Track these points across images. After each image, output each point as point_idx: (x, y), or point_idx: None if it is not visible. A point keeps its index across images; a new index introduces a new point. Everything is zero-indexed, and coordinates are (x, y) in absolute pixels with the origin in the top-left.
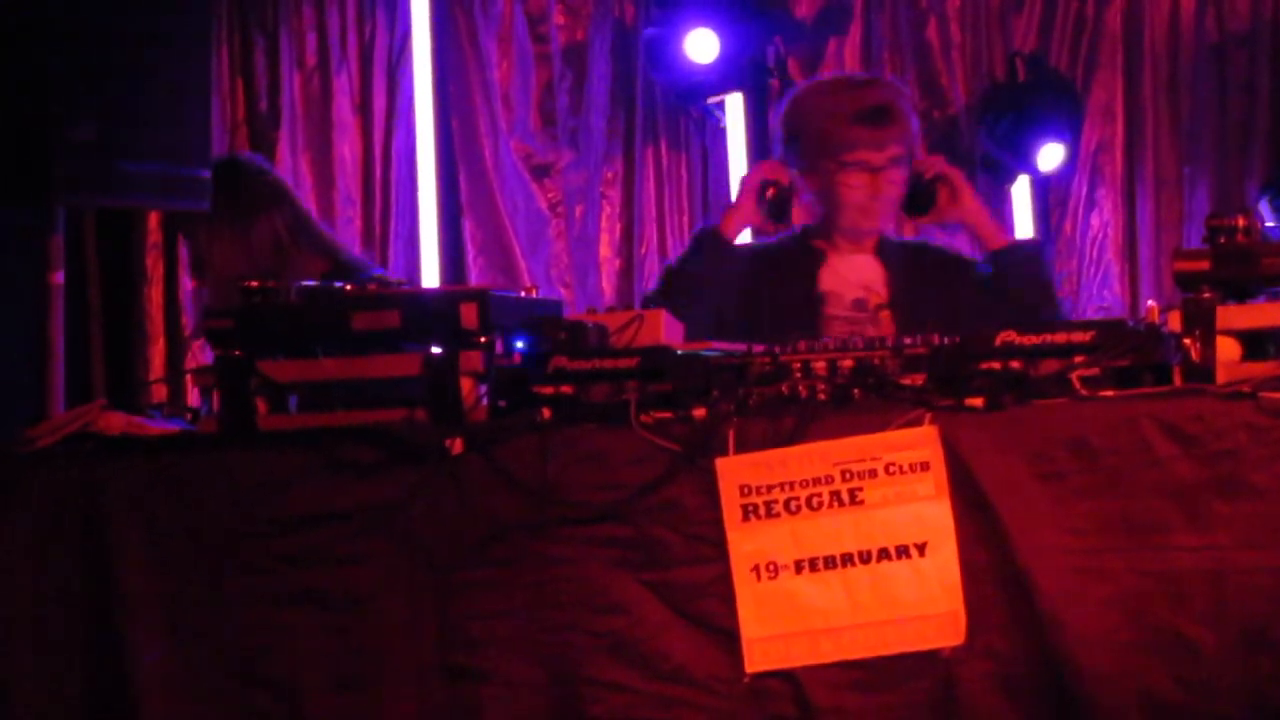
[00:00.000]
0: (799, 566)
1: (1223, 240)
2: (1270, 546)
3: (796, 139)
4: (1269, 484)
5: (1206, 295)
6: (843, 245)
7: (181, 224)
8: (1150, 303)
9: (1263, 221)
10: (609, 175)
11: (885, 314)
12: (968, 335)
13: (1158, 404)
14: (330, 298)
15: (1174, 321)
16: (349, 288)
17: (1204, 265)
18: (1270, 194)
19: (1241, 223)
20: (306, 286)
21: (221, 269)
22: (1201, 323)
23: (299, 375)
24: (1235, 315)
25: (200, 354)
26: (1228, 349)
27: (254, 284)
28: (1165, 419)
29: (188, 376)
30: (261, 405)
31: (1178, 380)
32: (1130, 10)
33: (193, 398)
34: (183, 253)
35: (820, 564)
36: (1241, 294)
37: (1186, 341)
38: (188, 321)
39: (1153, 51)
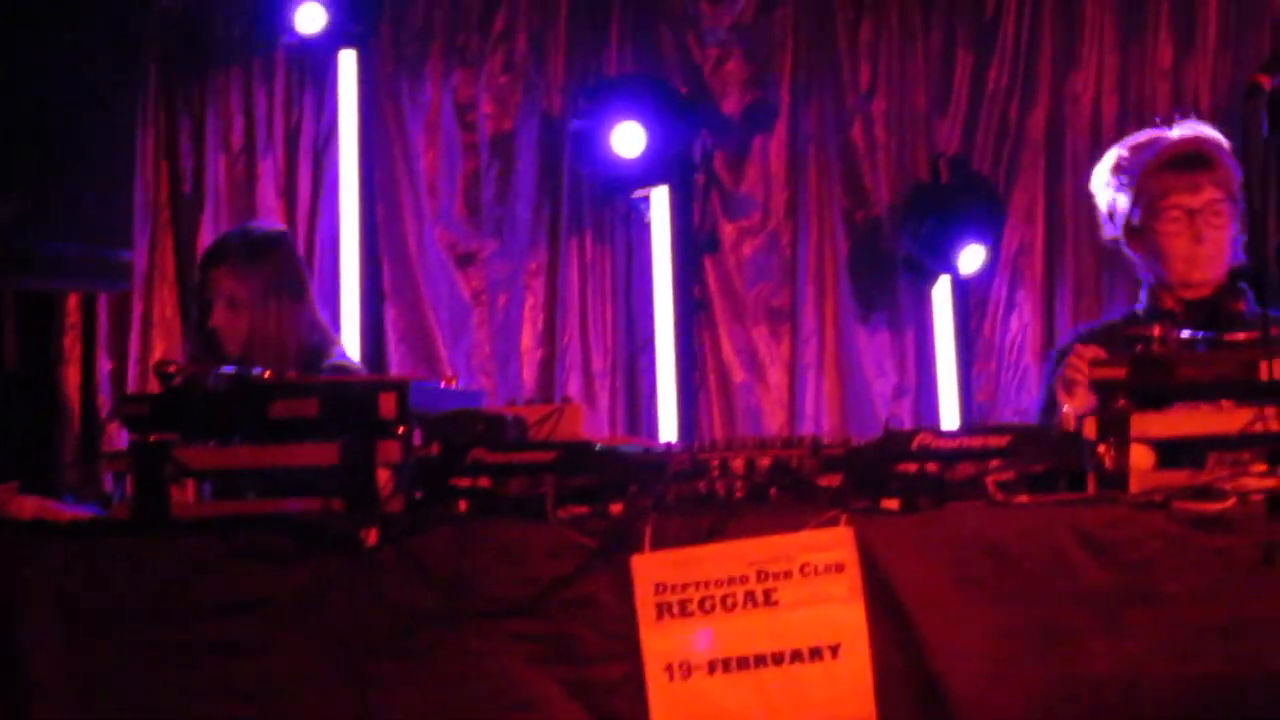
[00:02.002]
0: (712, 667)
1: (1140, 348)
2: (1184, 656)
3: (1115, 204)
4: (1182, 593)
5: (1122, 403)
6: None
7: (216, 270)
8: (1066, 409)
9: (1178, 330)
10: (533, 265)
11: None
12: (885, 436)
13: (1073, 511)
14: (249, 385)
15: (1090, 428)
16: (268, 375)
17: (1120, 373)
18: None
19: (1158, 331)
20: (225, 373)
21: (262, 334)
22: (1116, 430)
23: (215, 462)
24: (1150, 423)
25: (116, 437)
26: (1142, 457)
27: (171, 368)
28: (1080, 526)
29: (102, 461)
30: (175, 491)
31: (1092, 487)
32: (1052, 116)
33: (108, 483)
34: (101, 333)
35: (734, 664)
36: (1157, 402)
37: (1101, 449)
38: (104, 403)
39: (1074, 157)
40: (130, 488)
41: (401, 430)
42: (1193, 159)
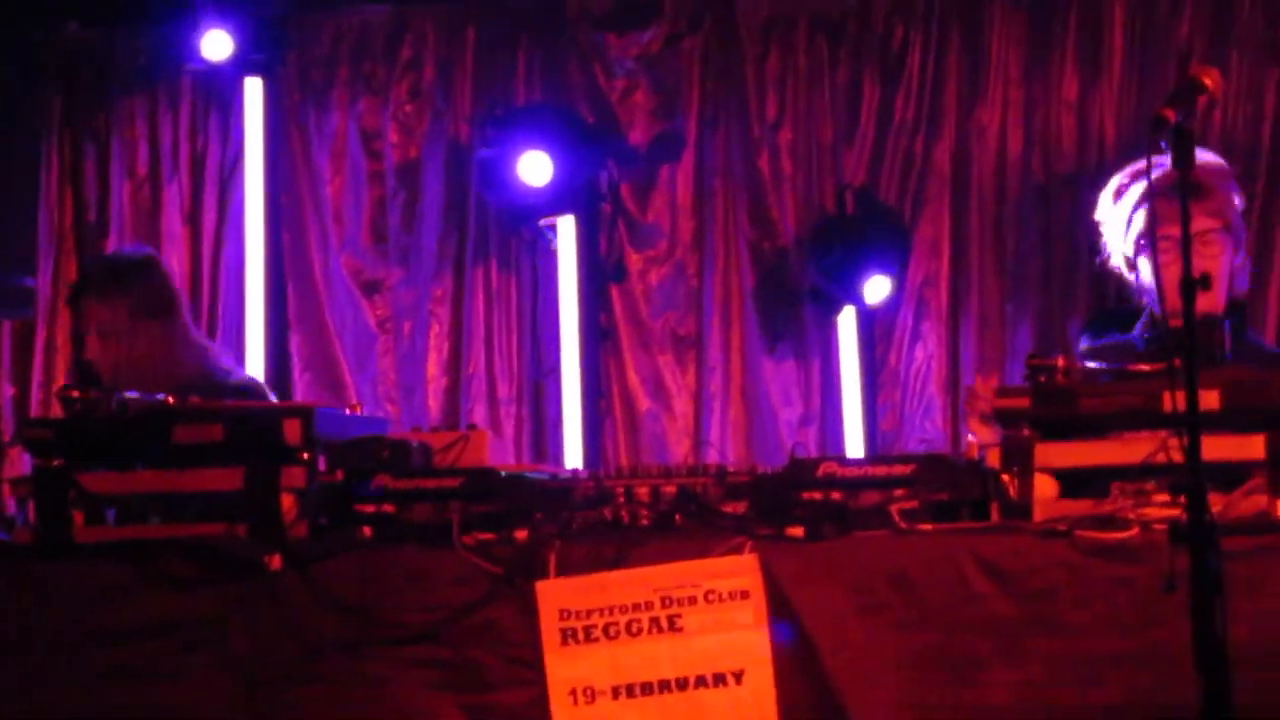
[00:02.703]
0: (616, 692)
1: (1043, 379)
2: (1085, 684)
3: (1113, 231)
4: (1084, 622)
5: (1025, 433)
6: None
7: (83, 299)
8: (970, 438)
9: (1082, 361)
10: (438, 293)
11: None
12: (790, 465)
13: (976, 540)
14: (152, 410)
15: (993, 457)
16: (171, 400)
17: (1024, 403)
18: (1090, 335)
19: (1061, 363)
20: (129, 398)
21: (138, 359)
22: (1020, 460)
23: (118, 487)
24: (1053, 453)
25: (20, 462)
26: (1045, 487)
27: (75, 393)
28: (983, 555)
29: (5, 485)
30: (79, 516)
31: (996, 516)
32: (958, 148)
33: (11, 506)
34: (4, 359)
35: (638, 690)
36: (1061, 432)
37: (1005, 478)
38: (6, 429)
39: (979, 189)
40: (33, 513)
41: (306, 456)
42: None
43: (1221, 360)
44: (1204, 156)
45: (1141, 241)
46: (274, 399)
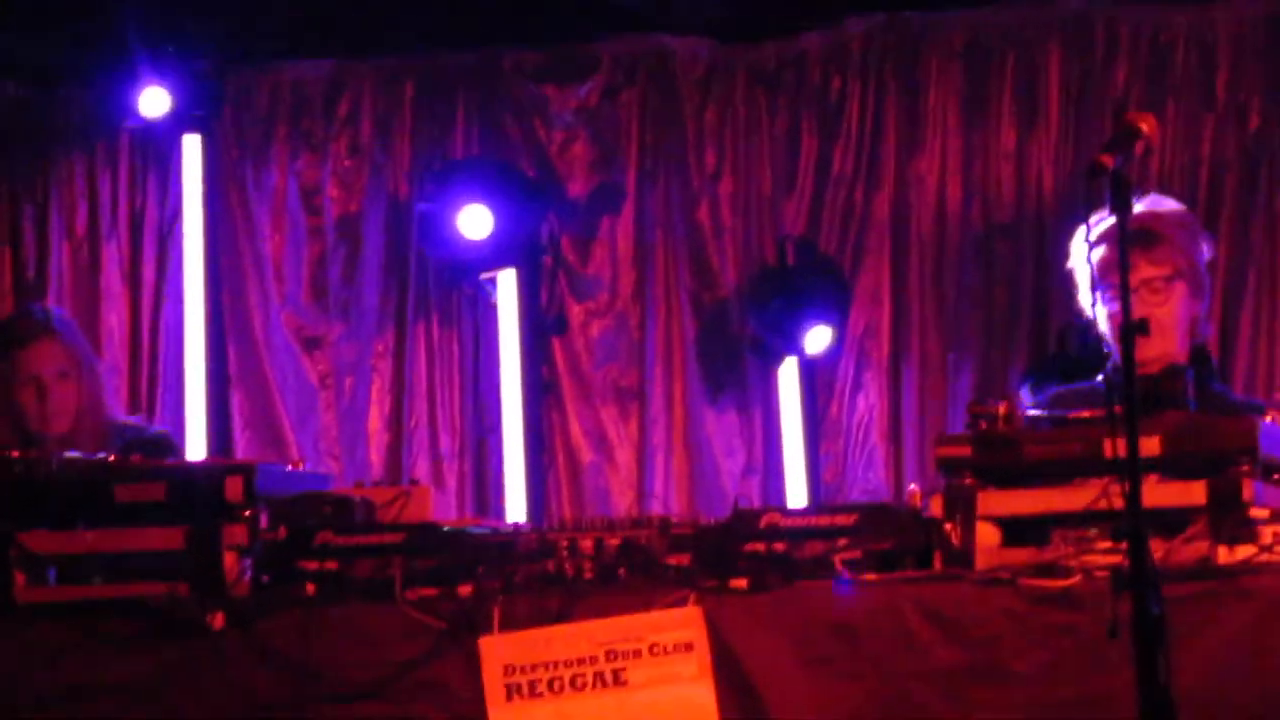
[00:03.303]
0: None
1: (984, 426)
2: None
3: (1078, 277)
4: (1027, 671)
5: (968, 481)
6: None
7: (19, 349)
8: (913, 486)
9: (1024, 409)
10: (380, 348)
11: None
12: (733, 516)
13: (919, 589)
14: (93, 469)
15: (936, 506)
16: (112, 459)
17: (966, 451)
18: (1031, 382)
19: (1003, 410)
20: (69, 457)
21: (77, 405)
22: (962, 508)
23: (59, 547)
24: (996, 501)
25: None
26: (987, 535)
27: (15, 454)
28: (926, 604)
29: None
30: (19, 576)
31: (939, 565)
32: (898, 198)
33: None
34: None
35: None
36: (1003, 480)
37: (947, 526)
38: None
39: (919, 239)
40: None
41: (248, 514)
42: (1135, 236)
43: (1185, 409)
44: (1163, 205)
45: (1094, 290)
46: (184, 451)
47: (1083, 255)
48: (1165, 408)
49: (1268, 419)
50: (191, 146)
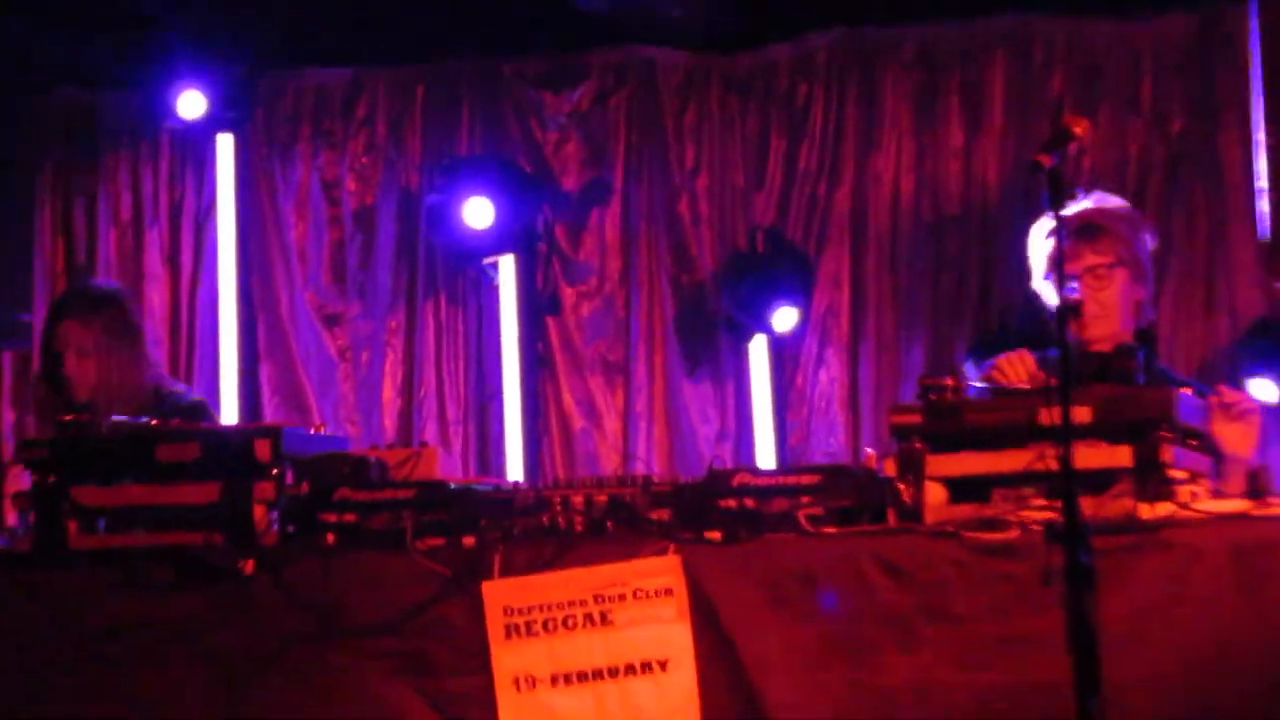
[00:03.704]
0: (555, 680)
1: (933, 397)
2: (970, 667)
3: (1034, 265)
4: (970, 613)
5: (918, 445)
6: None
7: (61, 322)
8: (869, 450)
9: (968, 381)
10: (393, 325)
11: None
12: (708, 476)
13: (874, 541)
14: (137, 431)
15: (890, 468)
16: (155, 423)
17: (917, 419)
18: (975, 357)
19: (950, 382)
20: (117, 420)
21: (108, 377)
22: (913, 469)
23: (107, 500)
24: (943, 463)
25: (20, 478)
26: (936, 493)
27: (68, 417)
28: (881, 554)
29: (7, 499)
30: (72, 526)
31: (892, 520)
32: (857, 192)
33: (12, 518)
34: (5, 386)
35: (573, 678)
36: (949, 445)
37: (900, 486)
38: (7, 449)
39: (876, 229)
40: (32, 523)
41: (275, 471)
42: (1081, 229)
43: (1134, 384)
44: (1109, 202)
45: (1047, 277)
46: (219, 416)
47: (1038, 246)
48: (1116, 383)
49: (1188, 391)
50: (225, 144)
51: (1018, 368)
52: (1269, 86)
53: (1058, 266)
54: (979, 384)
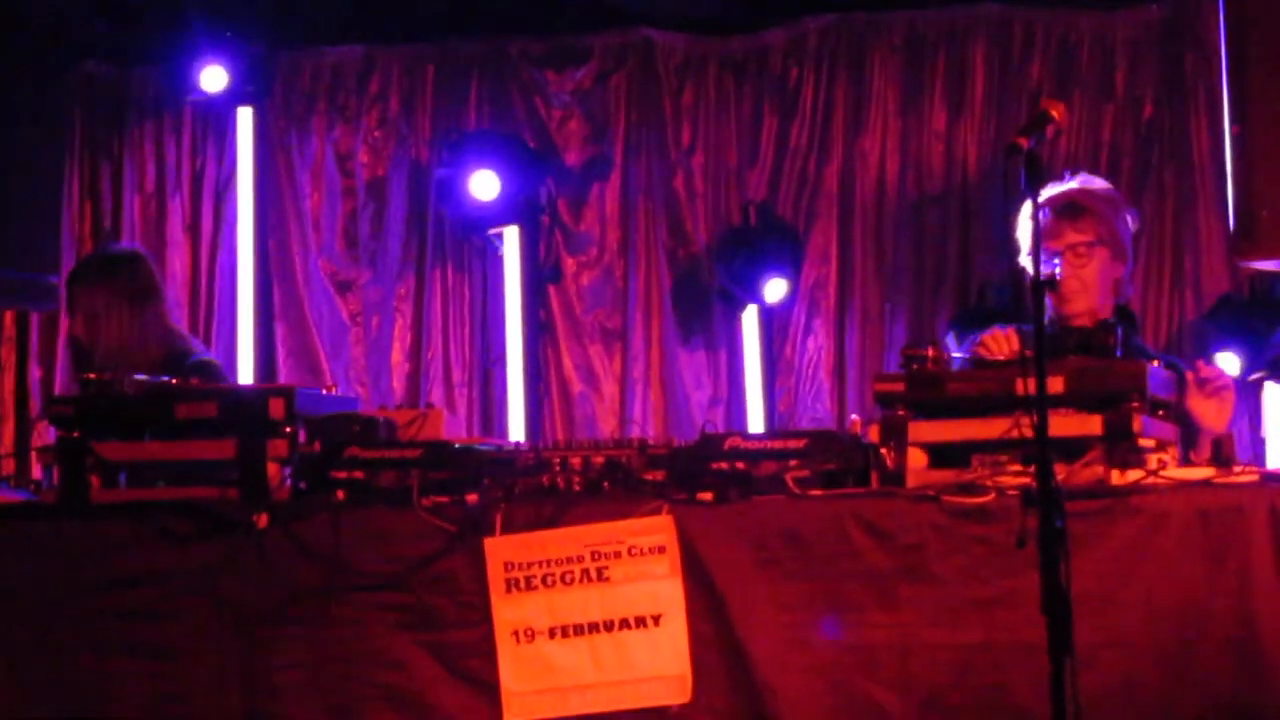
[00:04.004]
0: (553, 633)
1: (915, 367)
2: (948, 626)
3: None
4: (948, 573)
5: (901, 412)
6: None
7: (74, 286)
8: (854, 417)
9: (949, 352)
10: (402, 292)
11: None
12: (701, 439)
13: (858, 503)
14: (157, 390)
15: (873, 434)
16: (174, 382)
17: (899, 387)
18: (956, 329)
19: (931, 353)
20: (139, 379)
21: (116, 338)
22: (896, 435)
23: (128, 455)
24: (924, 430)
25: (45, 433)
26: (917, 458)
27: (91, 375)
28: (863, 516)
29: (33, 453)
30: (95, 480)
31: (875, 483)
32: (845, 170)
33: (37, 472)
34: (33, 345)
35: (570, 631)
36: (930, 412)
37: (883, 451)
38: (34, 405)
39: (862, 205)
40: (57, 477)
41: (289, 430)
42: (1064, 208)
43: (1112, 358)
44: (1092, 183)
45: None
46: (228, 375)
47: (1025, 225)
48: (1096, 356)
49: (1155, 364)
50: (245, 117)
51: (1002, 344)
52: (1233, 75)
53: (1035, 243)
54: (958, 354)
